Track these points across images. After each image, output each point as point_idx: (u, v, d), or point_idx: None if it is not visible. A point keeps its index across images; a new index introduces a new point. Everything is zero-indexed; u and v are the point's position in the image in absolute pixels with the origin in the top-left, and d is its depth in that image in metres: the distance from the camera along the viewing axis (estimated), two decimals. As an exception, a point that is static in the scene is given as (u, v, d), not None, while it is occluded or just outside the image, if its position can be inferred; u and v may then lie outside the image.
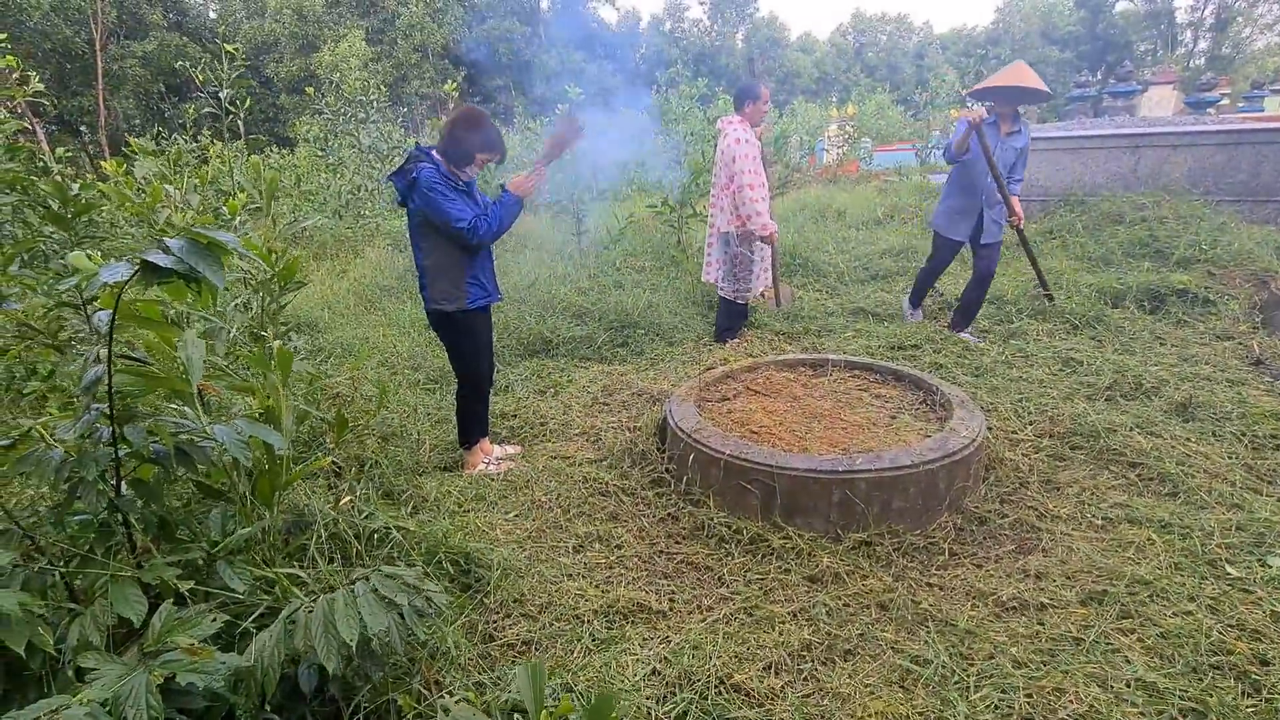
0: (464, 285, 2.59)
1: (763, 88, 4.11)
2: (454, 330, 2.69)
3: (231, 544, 1.39)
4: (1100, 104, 16.93)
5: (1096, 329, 4.23)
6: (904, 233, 6.97)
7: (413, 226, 2.57)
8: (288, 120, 24.86)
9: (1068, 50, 38.23)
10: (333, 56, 20.21)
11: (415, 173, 2.45)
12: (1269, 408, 2.99)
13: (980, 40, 39.95)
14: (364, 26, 28.84)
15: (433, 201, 2.42)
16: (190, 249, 1.18)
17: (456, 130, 2.51)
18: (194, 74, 3.63)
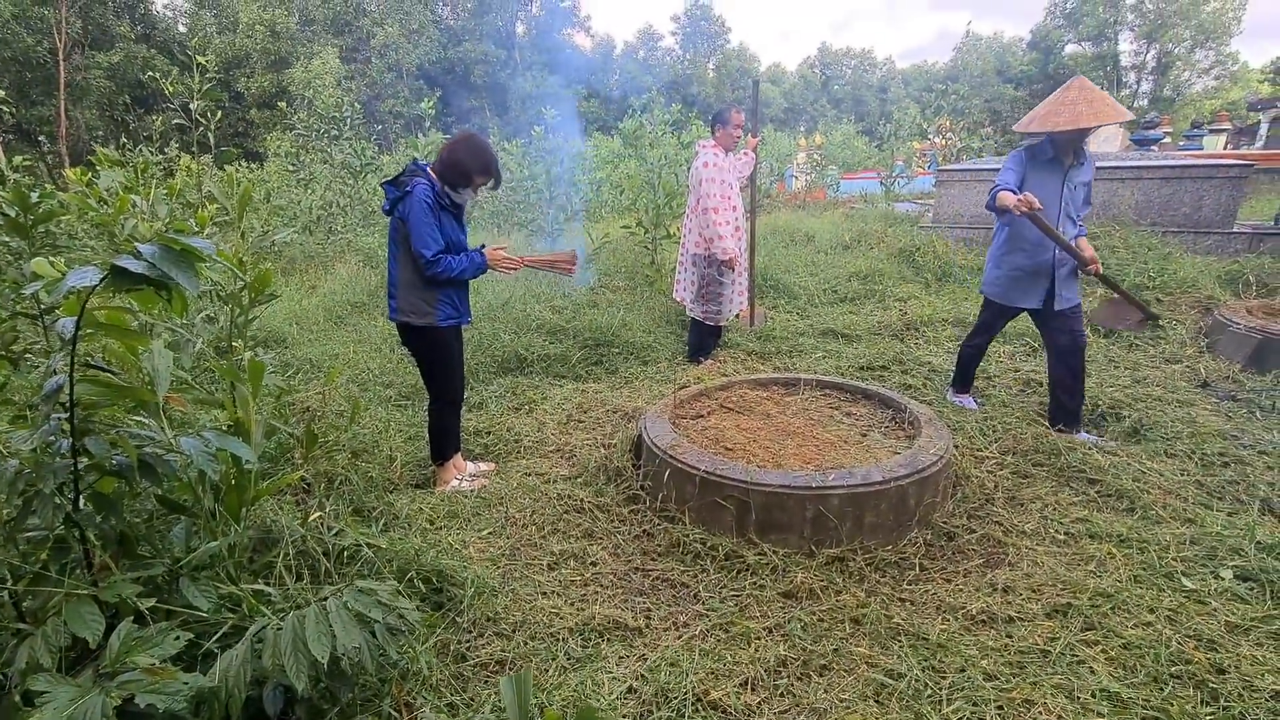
0: (435, 303, 2.59)
1: (734, 112, 4.19)
2: (422, 345, 2.67)
3: (196, 560, 1.34)
4: (1053, 139, 17.68)
5: (1055, 351, 4.38)
6: (870, 257, 7.16)
7: (392, 235, 2.57)
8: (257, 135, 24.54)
9: (1022, 89, 40.08)
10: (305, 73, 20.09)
11: (410, 186, 2.47)
12: (1216, 427, 3.13)
13: (940, 76, 41.65)
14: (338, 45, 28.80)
15: (415, 219, 2.45)
16: (164, 255, 1.16)
17: (457, 153, 2.55)
18: (164, 85, 3.56)
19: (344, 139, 7.69)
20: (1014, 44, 43.39)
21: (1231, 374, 3.85)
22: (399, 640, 1.39)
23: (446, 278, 2.54)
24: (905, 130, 17.27)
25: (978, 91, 38.17)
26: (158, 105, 24.04)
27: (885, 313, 5.43)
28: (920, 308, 5.37)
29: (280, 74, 27.38)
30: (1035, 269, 3.19)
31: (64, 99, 21.30)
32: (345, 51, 29.88)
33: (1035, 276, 3.21)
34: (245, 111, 27.78)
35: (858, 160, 18.97)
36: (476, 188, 2.64)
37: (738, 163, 4.32)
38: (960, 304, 5.46)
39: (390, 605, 1.31)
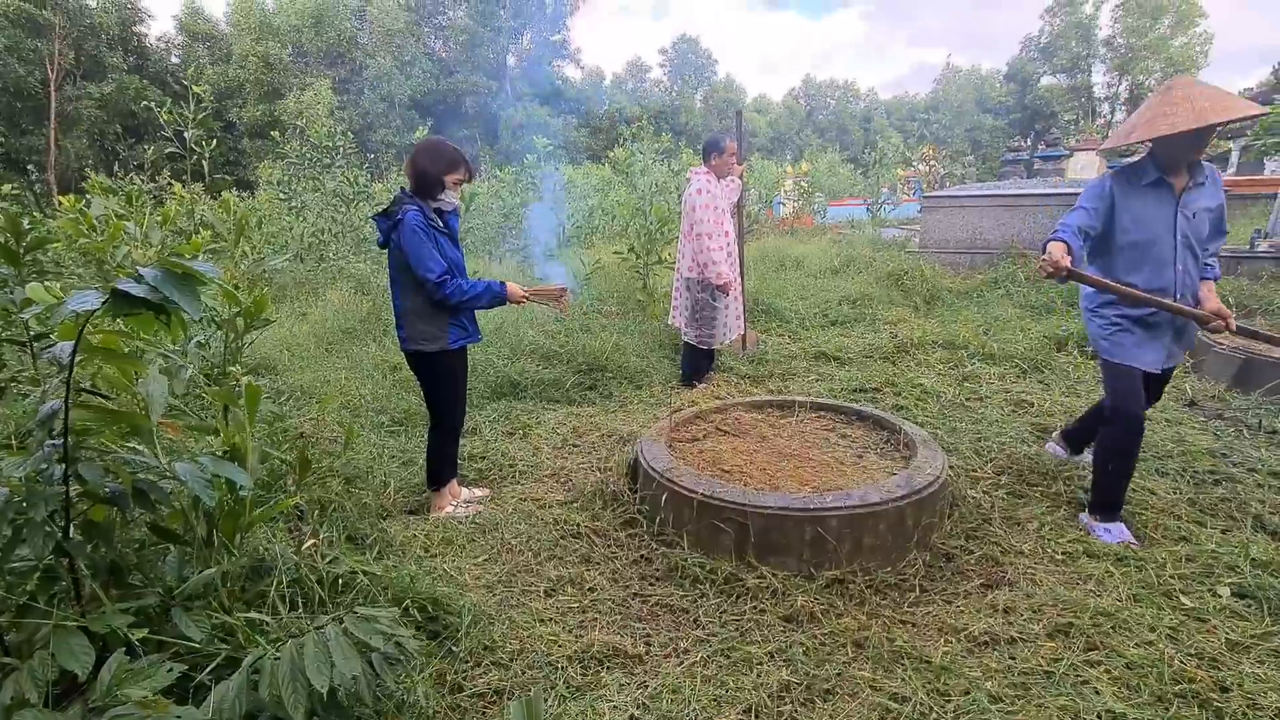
0: (446, 326, 2.60)
1: (728, 141, 4.28)
2: (434, 371, 2.66)
3: (189, 589, 1.31)
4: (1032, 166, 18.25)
5: (1044, 373, 4.44)
6: (860, 281, 7.25)
7: (393, 267, 2.58)
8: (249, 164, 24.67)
9: (1000, 118, 41.25)
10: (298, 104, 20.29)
11: (400, 214, 2.47)
12: (1205, 445, 3.17)
13: (921, 107, 42.82)
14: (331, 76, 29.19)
15: (412, 245, 2.45)
16: (166, 278, 1.16)
17: (418, 164, 2.55)
18: (158, 114, 3.59)
19: (336, 167, 7.75)
20: (992, 76, 44.74)
21: (1217, 393, 3.90)
22: (396, 670, 1.35)
23: (458, 300, 2.52)
24: (890, 158, 17.68)
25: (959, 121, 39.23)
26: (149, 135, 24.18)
27: (876, 336, 5.49)
28: (910, 330, 5.43)
29: (273, 104, 27.66)
30: (1144, 319, 2.45)
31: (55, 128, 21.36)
32: (338, 82, 30.28)
33: (1150, 329, 2.47)
34: (237, 141, 27.98)
35: (843, 187, 19.37)
36: (455, 186, 2.62)
37: (727, 189, 4.40)
38: (949, 326, 5.52)
39: (389, 633, 1.28)
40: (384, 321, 5.29)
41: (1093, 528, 2.56)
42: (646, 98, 42.21)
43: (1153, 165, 2.42)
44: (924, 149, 21.60)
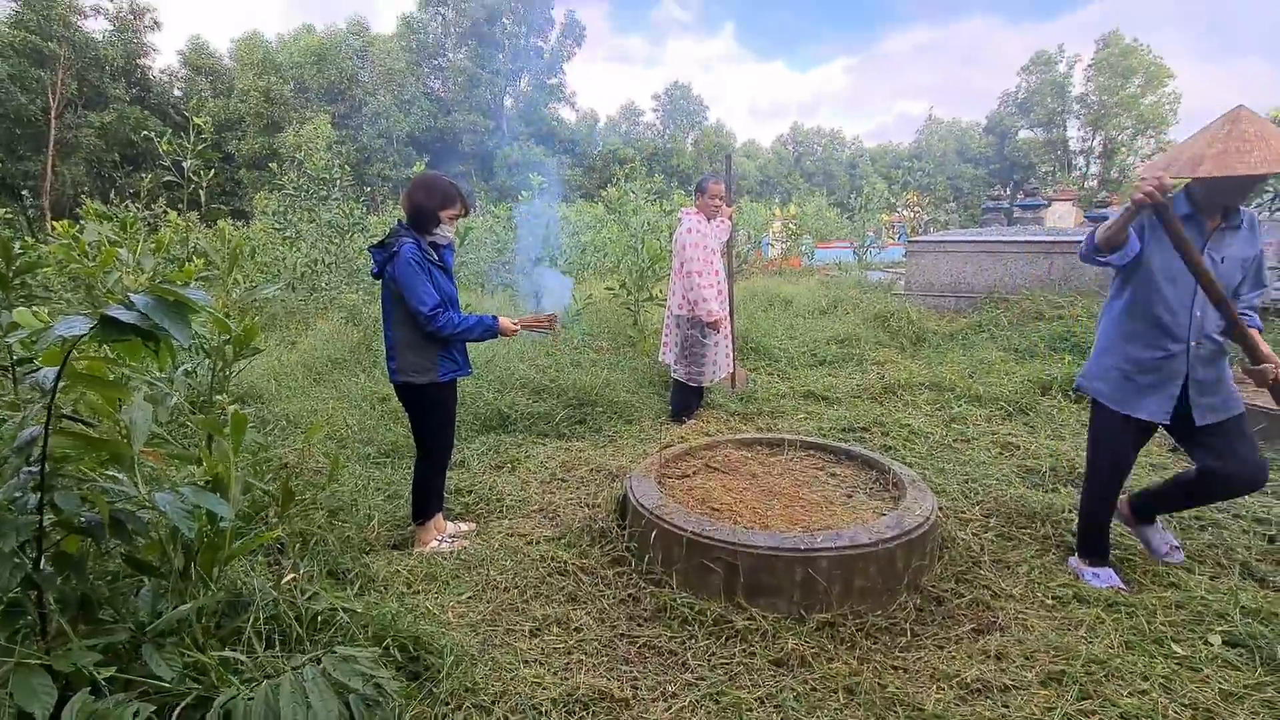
0: (435, 358, 2.60)
1: (713, 183, 4.38)
2: (423, 403, 2.65)
3: (162, 625, 1.26)
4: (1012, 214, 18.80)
5: (1029, 415, 4.48)
6: (847, 322, 7.34)
7: (386, 299, 2.59)
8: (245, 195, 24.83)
9: (980, 168, 42.61)
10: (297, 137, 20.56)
11: (396, 247, 2.49)
12: (1190, 490, 3.18)
13: (904, 155, 44.16)
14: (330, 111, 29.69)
15: (406, 277, 2.46)
16: (156, 306, 1.15)
17: (414, 199, 2.56)
18: (159, 143, 3.63)
19: (333, 199, 7.81)
20: (971, 128, 46.37)
21: (1199, 439, 3.95)
22: (375, 713, 1.30)
23: (450, 333, 2.53)
24: (875, 203, 18.14)
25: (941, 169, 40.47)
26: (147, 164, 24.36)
27: (864, 376, 5.53)
28: (897, 371, 5.48)
29: (272, 137, 28.03)
30: (1157, 367, 2.28)
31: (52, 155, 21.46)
32: (337, 118, 30.80)
33: (1157, 376, 2.29)
34: (235, 171, 28.24)
35: (830, 230, 19.79)
36: (451, 221, 2.64)
37: (717, 229, 4.48)
38: (935, 368, 5.58)
39: (369, 674, 1.24)
40: (374, 352, 5.26)
41: (1081, 572, 2.54)
42: (639, 140, 43.26)
43: (1186, 200, 2.22)
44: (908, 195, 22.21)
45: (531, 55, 39.66)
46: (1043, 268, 7.66)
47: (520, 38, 39.52)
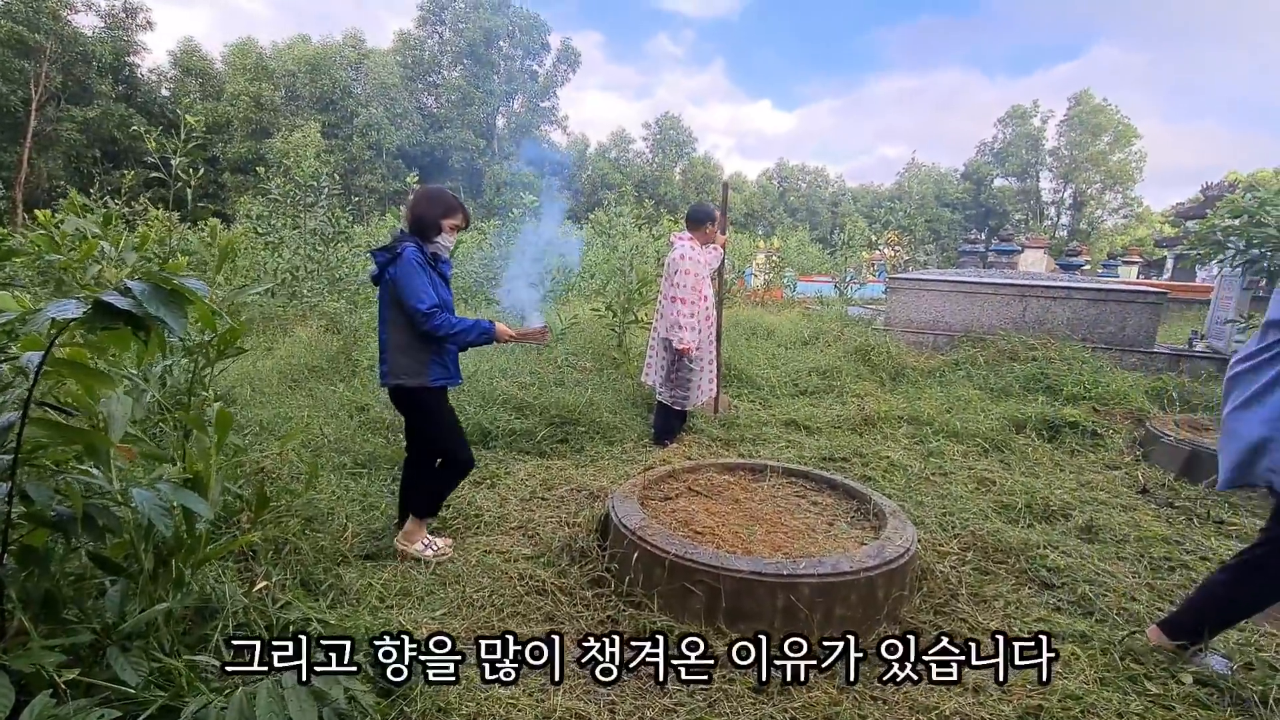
0: (427, 363, 2.59)
1: (719, 213, 4.48)
2: (420, 408, 2.64)
3: (129, 628, 1.21)
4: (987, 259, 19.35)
5: (1004, 453, 4.56)
6: (829, 354, 7.44)
7: (383, 301, 2.60)
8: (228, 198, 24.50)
9: (957, 213, 43.90)
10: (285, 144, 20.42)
11: (400, 249, 2.51)
12: (1160, 532, 3.26)
13: (885, 197, 45.34)
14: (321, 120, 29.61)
15: (406, 277, 2.48)
16: (153, 293, 1.13)
17: (417, 208, 2.61)
18: (146, 140, 3.57)
19: (319, 206, 7.75)
20: (950, 173, 47.87)
21: (1167, 482, 4.05)
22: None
23: (445, 333, 2.52)
24: (856, 241, 18.54)
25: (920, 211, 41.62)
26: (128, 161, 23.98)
27: (844, 407, 5.58)
28: (877, 404, 5.54)
29: (260, 142, 27.83)
30: None
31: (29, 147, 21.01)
32: (327, 127, 30.72)
33: None
34: (219, 174, 27.91)
35: (812, 265, 20.15)
36: (451, 232, 2.67)
37: (709, 256, 4.53)
38: (914, 402, 5.66)
39: (346, 685, 1.20)
40: (354, 362, 5.19)
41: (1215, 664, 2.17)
42: (628, 167, 43.81)
43: None
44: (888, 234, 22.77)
45: (526, 77, 40.19)
46: (1017, 310, 7.87)
47: (516, 60, 40.08)
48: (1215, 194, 17.75)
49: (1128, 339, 7.56)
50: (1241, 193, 7.74)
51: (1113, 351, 7.31)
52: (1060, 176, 44.32)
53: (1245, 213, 6.58)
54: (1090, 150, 42.33)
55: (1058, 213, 45.75)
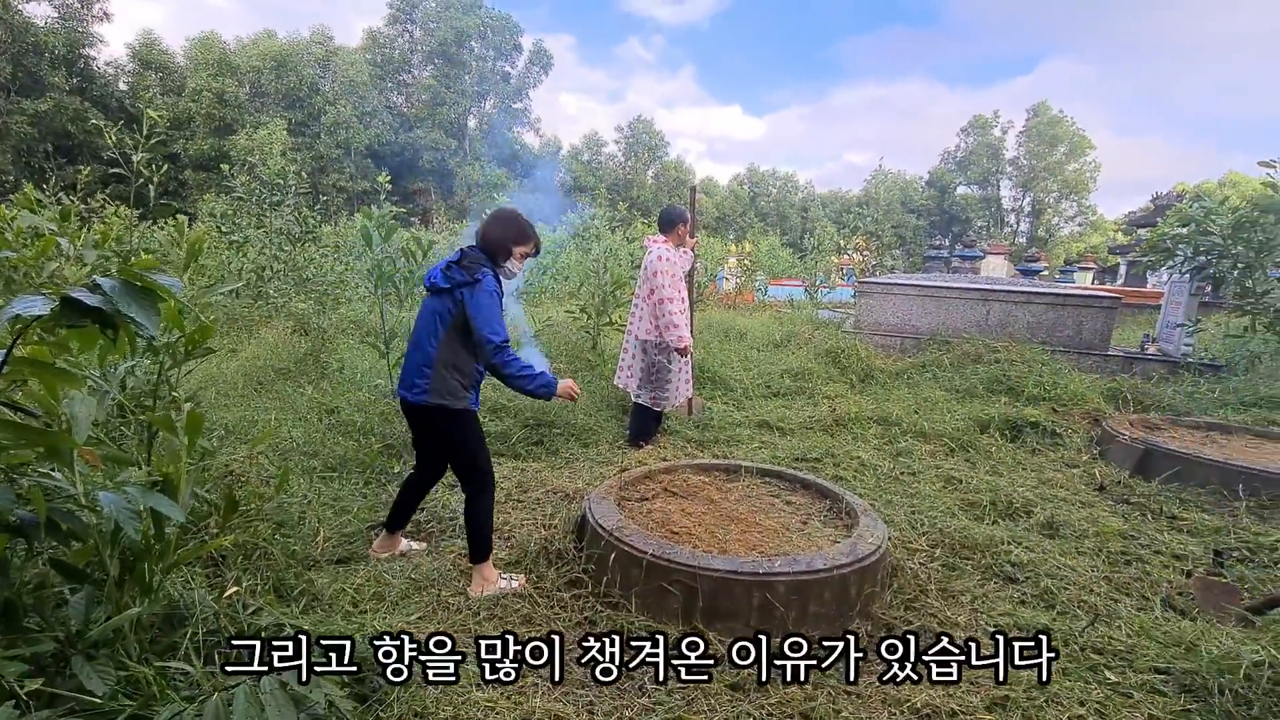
0: (470, 388, 2.51)
1: (688, 215, 4.53)
2: (456, 427, 2.50)
3: (96, 636, 1.17)
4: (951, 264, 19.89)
5: (970, 453, 4.69)
6: (800, 356, 7.55)
7: (435, 315, 2.46)
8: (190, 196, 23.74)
9: (922, 219, 44.90)
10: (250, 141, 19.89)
11: (479, 274, 2.42)
12: (1116, 528, 3.39)
13: (853, 203, 46.19)
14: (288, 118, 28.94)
15: (485, 306, 2.38)
16: (124, 290, 1.10)
17: (492, 230, 2.55)
18: (107, 134, 3.45)
19: (285, 205, 7.58)
20: (915, 180, 48.98)
21: (1122, 479, 4.21)
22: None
23: (512, 371, 2.40)
24: (825, 245, 18.87)
25: (887, 217, 42.49)
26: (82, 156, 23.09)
27: (815, 409, 5.67)
28: (847, 405, 5.64)
29: (223, 139, 27.07)
30: None
31: (-27, 140, 20.09)
32: (294, 125, 30.03)
33: None
34: (180, 172, 27.04)
35: (782, 269, 20.44)
36: (520, 259, 2.62)
37: (683, 258, 4.58)
38: (883, 404, 5.78)
39: (325, 690, 1.18)
40: (323, 364, 5.08)
41: None
42: (601, 170, 43.80)
43: None
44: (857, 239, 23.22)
45: (498, 78, 39.89)
46: (981, 313, 8.10)
47: (488, 61, 39.77)
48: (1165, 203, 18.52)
49: (1084, 342, 7.84)
50: (1189, 203, 8.10)
51: (1070, 354, 7.57)
52: (1020, 185, 45.72)
53: (1193, 221, 6.89)
54: (1048, 160, 43.79)
55: (1017, 220, 47.19)
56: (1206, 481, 3.90)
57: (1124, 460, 4.44)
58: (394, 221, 4.41)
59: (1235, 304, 7.02)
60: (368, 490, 3.32)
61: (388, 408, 4.19)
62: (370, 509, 3.07)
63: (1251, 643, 2.23)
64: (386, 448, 3.80)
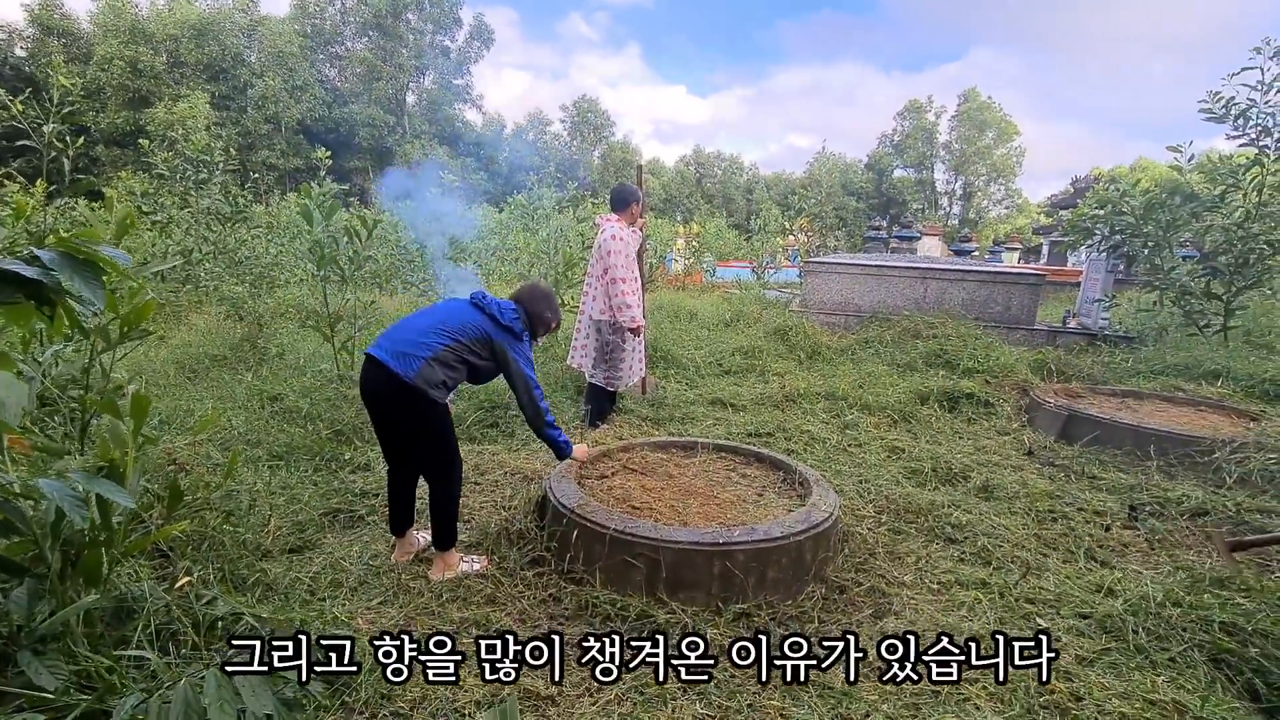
0: (447, 392, 2.50)
1: (642, 195, 4.52)
2: (441, 420, 2.50)
3: (43, 630, 1.11)
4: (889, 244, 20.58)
5: (911, 423, 4.92)
6: (749, 335, 7.70)
7: (455, 314, 2.55)
8: (103, 173, 21.98)
9: (862, 201, 46.18)
10: (169, 115, 18.52)
11: (524, 336, 2.66)
12: (1044, 488, 3.63)
13: (797, 185, 47.04)
14: (210, 90, 27.08)
15: (523, 359, 2.62)
16: (64, 263, 1.03)
17: (542, 307, 2.77)
18: (12, 104, 3.15)
19: (213, 184, 7.14)
20: (855, 164, 50.26)
21: (1049, 444, 4.51)
22: (295, 717, 1.22)
23: (542, 420, 2.66)
24: (771, 227, 19.19)
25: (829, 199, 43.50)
26: (-31, 129, 20.99)
27: (766, 385, 5.82)
28: (796, 382, 5.81)
29: (138, 112, 25.13)
30: None
31: None
32: (217, 98, 28.15)
33: None
34: (91, 147, 24.99)
35: (729, 250, 20.69)
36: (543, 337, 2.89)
37: (634, 238, 4.58)
38: (829, 379, 5.98)
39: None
40: (261, 350, 4.86)
41: None
42: (547, 149, 43.01)
43: None
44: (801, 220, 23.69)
45: (437, 53, 38.42)
46: (919, 292, 8.45)
47: (425, 34, 38.23)
48: (1084, 186, 19.66)
49: (1013, 317, 8.29)
50: (1104, 185, 8.63)
51: (1000, 329, 8.00)
52: (952, 168, 47.58)
53: (1109, 203, 7.36)
54: (977, 144, 45.68)
55: (950, 202, 49.16)
56: (1122, 444, 4.22)
57: (1050, 426, 4.76)
58: (335, 200, 4.22)
59: (1145, 280, 7.56)
60: (318, 478, 3.22)
61: (335, 393, 4.06)
62: (322, 496, 2.99)
63: (1157, 585, 2.46)
64: (336, 434, 3.69)
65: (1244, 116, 6.48)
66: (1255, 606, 2.25)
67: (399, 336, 2.46)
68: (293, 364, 4.75)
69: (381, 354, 2.39)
